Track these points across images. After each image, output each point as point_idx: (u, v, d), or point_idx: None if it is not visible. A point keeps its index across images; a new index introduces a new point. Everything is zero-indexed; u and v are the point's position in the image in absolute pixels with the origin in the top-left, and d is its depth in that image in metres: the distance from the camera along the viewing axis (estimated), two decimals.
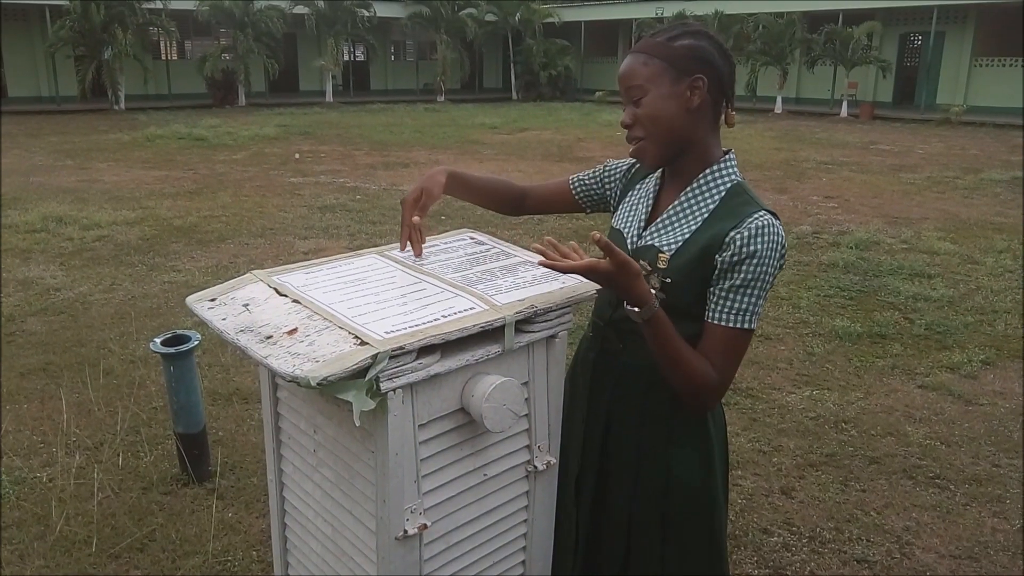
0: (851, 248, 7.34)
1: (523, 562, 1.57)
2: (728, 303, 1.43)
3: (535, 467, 1.48)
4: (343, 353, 1.16)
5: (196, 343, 3.25)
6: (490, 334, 1.31)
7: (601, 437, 1.61)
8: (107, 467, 3.44)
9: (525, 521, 1.53)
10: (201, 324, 1.40)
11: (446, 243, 1.66)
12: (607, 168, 1.78)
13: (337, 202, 9.65)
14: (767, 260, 1.42)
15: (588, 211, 1.83)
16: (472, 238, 1.70)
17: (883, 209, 9.39)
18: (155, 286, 6.15)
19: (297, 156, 14.00)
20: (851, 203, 9.78)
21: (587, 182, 1.79)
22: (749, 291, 1.42)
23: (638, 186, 1.67)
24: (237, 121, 19.97)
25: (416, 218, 1.60)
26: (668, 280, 1.47)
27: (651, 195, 1.60)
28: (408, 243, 1.60)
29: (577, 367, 1.69)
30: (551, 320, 1.39)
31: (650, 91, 1.46)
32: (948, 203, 9.85)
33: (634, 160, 1.70)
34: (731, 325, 1.43)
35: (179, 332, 3.31)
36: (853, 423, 3.95)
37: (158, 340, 3.23)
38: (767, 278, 1.43)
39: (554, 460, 1.51)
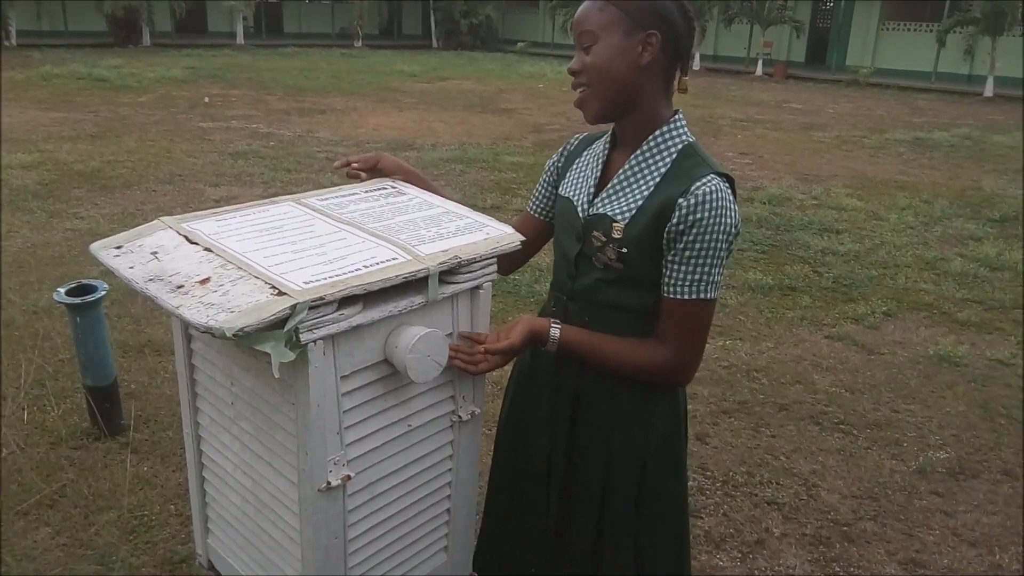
0: (764, 203, 7.55)
1: (447, 510, 1.57)
2: (679, 275, 1.39)
3: (459, 417, 1.47)
4: (260, 303, 1.12)
5: (103, 293, 3.11)
6: (413, 285, 1.29)
7: (570, 413, 1.56)
8: (11, 422, 3.28)
9: (450, 471, 1.53)
10: (108, 273, 1.33)
11: (367, 192, 1.61)
12: (547, 167, 1.68)
13: (249, 148, 9.32)
14: (714, 227, 1.35)
15: None
16: (393, 187, 1.65)
17: (795, 166, 9.67)
18: (56, 234, 5.84)
19: (207, 100, 13.42)
20: (765, 160, 10.03)
21: (541, 195, 1.68)
22: (699, 260, 1.37)
23: (584, 153, 1.60)
24: (141, 62, 18.96)
25: (355, 165, 1.66)
26: (624, 251, 1.42)
27: (600, 160, 1.53)
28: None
29: (538, 350, 1.59)
30: (475, 271, 1.37)
31: (601, 39, 1.39)
32: (855, 161, 10.21)
33: (570, 143, 1.65)
34: (685, 297, 1.40)
35: (85, 282, 3.16)
36: (764, 372, 4.10)
37: (62, 290, 3.08)
38: (717, 246, 1.37)
39: (478, 410, 1.51)
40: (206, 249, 1.28)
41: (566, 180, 1.59)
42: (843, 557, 2.72)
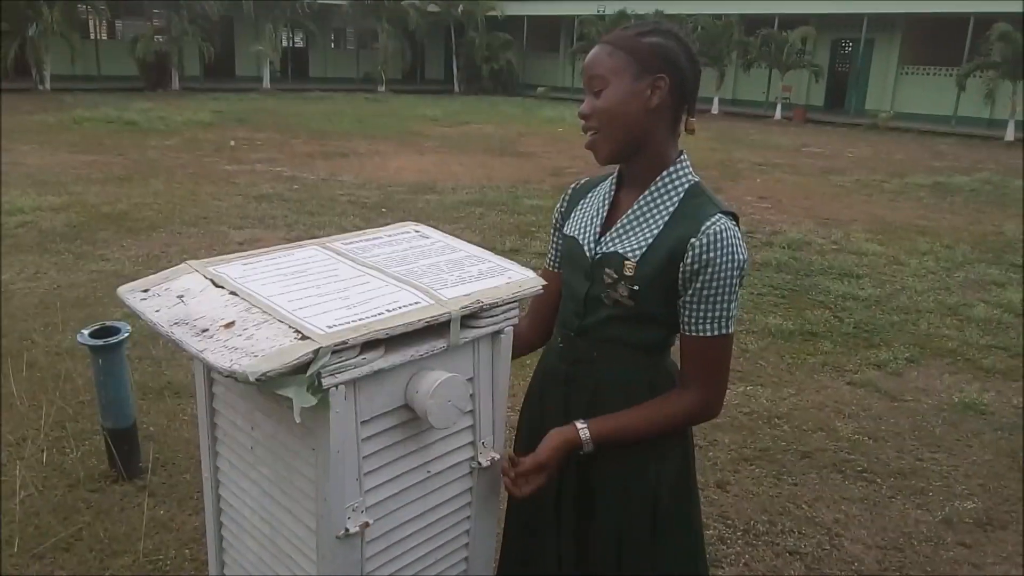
0: (783, 248, 7.54)
1: (465, 559, 1.55)
2: (699, 313, 1.44)
3: (479, 463, 1.46)
4: (283, 348, 1.13)
5: (126, 335, 3.15)
6: (435, 329, 1.29)
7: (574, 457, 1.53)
8: (30, 463, 3.30)
9: (468, 518, 1.51)
10: (132, 315, 1.34)
11: (390, 235, 1.63)
12: (554, 218, 1.71)
13: (273, 191, 9.46)
14: (727, 265, 1.40)
15: None
16: (416, 231, 1.67)
17: (814, 210, 9.66)
18: (82, 275, 5.93)
19: (232, 143, 13.68)
20: (784, 204, 10.04)
21: (555, 248, 1.71)
22: (717, 297, 1.42)
23: (589, 195, 1.63)
24: (170, 105, 19.39)
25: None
26: (636, 288, 1.46)
27: (607, 200, 1.56)
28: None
29: (547, 381, 1.64)
30: (497, 315, 1.38)
31: (611, 83, 1.43)
32: (875, 206, 10.19)
33: (571, 188, 1.69)
34: (705, 335, 1.44)
35: (108, 324, 3.20)
36: (786, 418, 4.05)
37: (86, 332, 3.12)
38: (732, 282, 1.41)
39: (498, 456, 1.50)
40: (232, 293, 1.29)
41: (571, 221, 1.62)
42: None
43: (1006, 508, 3.28)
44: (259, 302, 1.26)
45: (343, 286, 1.34)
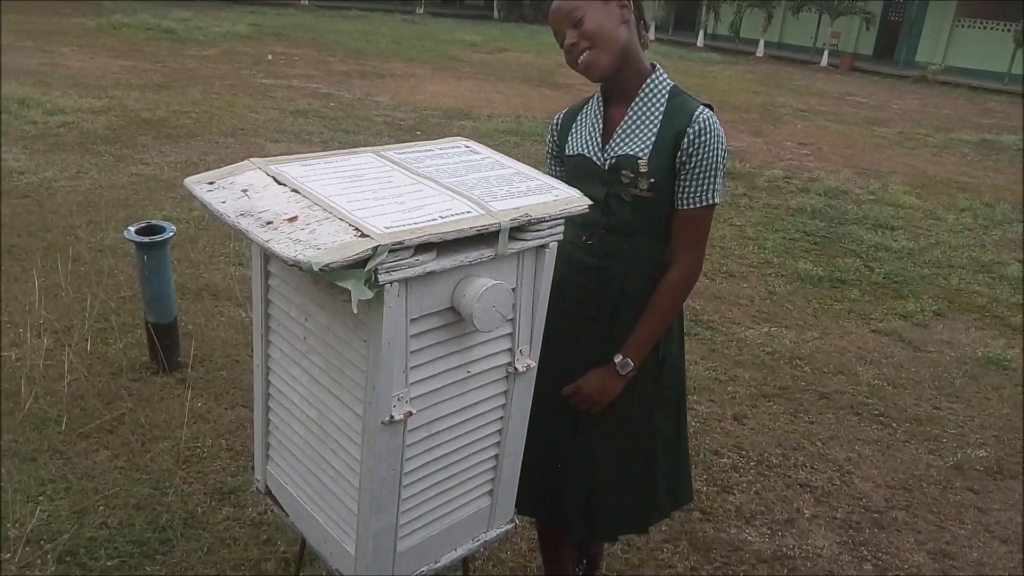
0: (820, 195, 7.47)
1: (495, 456, 1.65)
2: (692, 188, 1.69)
3: (515, 368, 1.55)
4: (345, 242, 1.20)
5: (171, 234, 3.25)
6: (484, 238, 1.36)
7: (607, 332, 1.79)
8: (77, 351, 3.46)
9: (501, 419, 1.61)
10: (174, 216, 1.42)
11: (441, 148, 1.68)
12: (548, 152, 1.95)
13: (310, 107, 9.47)
14: (715, 146, 1.67)
15: None
16: (467, 147, 1.72)
17: (854, 160, 9.51)
18: (122, 177, 6.04)
19: (270, 57, 13.62)
20: (823, 151, 9.88)
21: (556, 175, 1.88)
22: (707, 174, 1.68)
23: (577, 118, 1.84)
24: (208, 16, 19.24)
25: None
26: (653, 180, 1.69)
27: (599, 116, 1.78)
28: None
29: (571, 277, 1.78)
30: (543, 230, 1.44)
31: (588, 11, 1.63)
32: (917, 159, 10.01)
33: (557, 118, 1.90)
34: (699, 205, 1.70)
35: (153, 222, 3.30)
36: (807, 360, 4.11)
37: (132, 229, 3.22)
38: (718, 160, 1.68)
39: (533, 363, 1.58)
40: (293, 190, 1.36)
41: (569, 143, 1.83)
42: (872, 542, 2.76)
43: (1018, 459, 3.34)
44: (320, 200, 1.33)
45: (398, 192, 1.40)
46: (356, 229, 1.23)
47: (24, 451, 2.80)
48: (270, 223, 1.28)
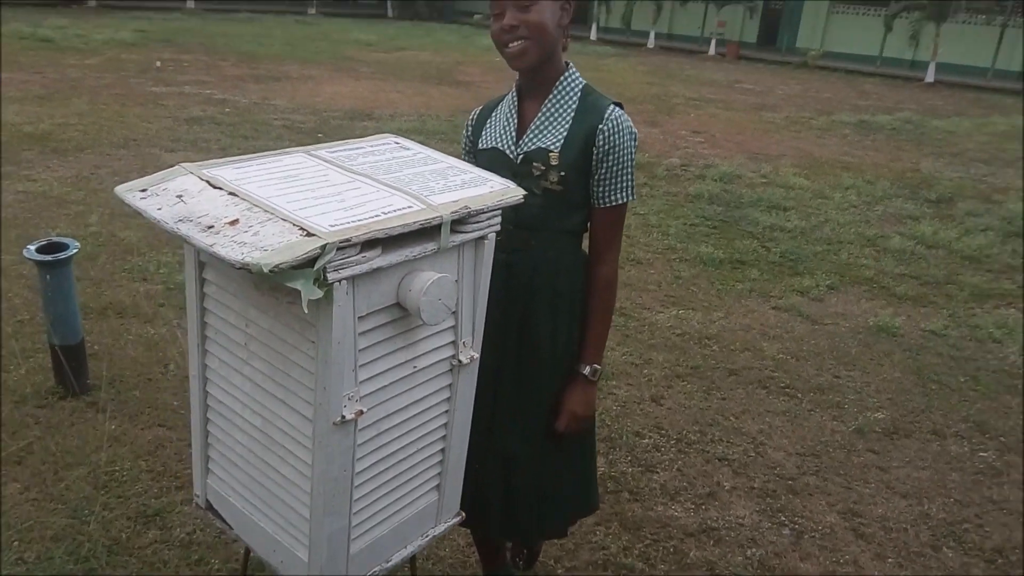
0: (716, 181, 7.77)
1: (442, 450, 1.68)
2: (612, 185, 1.76)
3: (460, 360, 1.58)
4: (291, 243, 1.20)
5: (75, 251, 3.12)
6: (427, 232, 1.38)
7: (518, 329, 1.83)
8: None
9: (447, 412, 1.64)
10: (73, 233, 1.39)
11: (372, 146, 1.69)
12: (463, 146, 1.98)
13: (205, 114, 9.18)
14: (627, 144, 1.74)
15: None
16: (397, 143, 1.73)
17: (745, 145, 9.93)
18: (8, 195, 5.72)
19: (159, 64, 13.10)
20: (716, 138, 10.27)
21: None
22: (622, 171, 1.75)
23: (493, 114, 1.89)
24: (87, 23, 18.35)
25: None
26: (563, 174, 1.74)
27: (513, 111, 1.82)
28: None
29: None
30: (482, 222, 1.47)
31: (540, 1, 1.66)
32: (803, 142, 10.53)
33: (473, 114, 1.95)
34: (617, 203, 1.78)
35: (54, 239, 3.15)
36: (715, 339, 4.30)
37: (32, 247, 3.07)
38: (631, 156, 1.76)
39: (476, 355, 1.62)
40: (231, 193, 1.35)
41: (483, 138, 1.87)
42: (788, 508, 2.92)
43: (911, 419, 3.60)
44: (259, 202, 1.32)
45: (337, 190, 1.41)
46: (301, 229, 1.24)
47: None
48: (211, 227, 1.27)
